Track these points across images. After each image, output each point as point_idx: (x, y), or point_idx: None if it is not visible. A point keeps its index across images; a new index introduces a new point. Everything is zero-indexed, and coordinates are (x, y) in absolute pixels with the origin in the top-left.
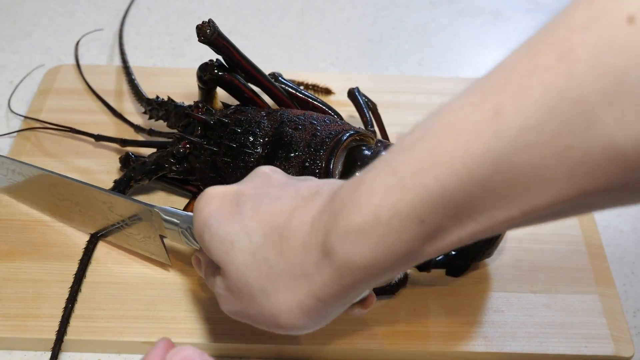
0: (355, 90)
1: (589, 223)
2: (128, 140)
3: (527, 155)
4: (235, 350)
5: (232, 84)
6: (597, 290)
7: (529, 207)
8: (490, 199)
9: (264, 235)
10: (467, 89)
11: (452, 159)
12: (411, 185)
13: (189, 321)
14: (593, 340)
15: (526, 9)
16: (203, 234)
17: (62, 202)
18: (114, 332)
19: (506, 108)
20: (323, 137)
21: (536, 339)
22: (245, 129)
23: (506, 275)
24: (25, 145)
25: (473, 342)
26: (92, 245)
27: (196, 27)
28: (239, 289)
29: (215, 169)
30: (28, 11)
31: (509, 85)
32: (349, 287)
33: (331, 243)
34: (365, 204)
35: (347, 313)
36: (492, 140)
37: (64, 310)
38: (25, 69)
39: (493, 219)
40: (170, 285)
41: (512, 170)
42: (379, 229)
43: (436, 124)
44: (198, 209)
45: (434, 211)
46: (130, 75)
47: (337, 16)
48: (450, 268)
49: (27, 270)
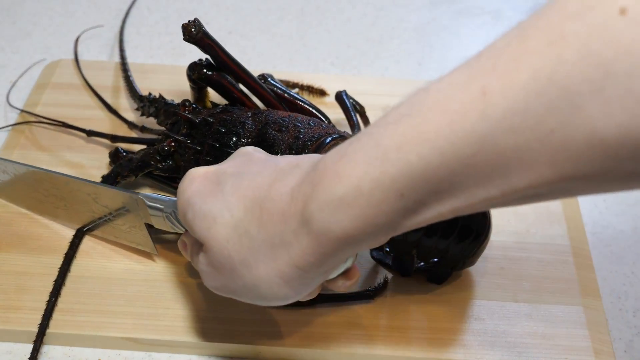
0: (343, 93)
1: (578, 233)
2: (118, 137)
3: (511, 137)
4: (218, 350)
5: (220, 83)
6: (581, 302)
7: (509, 187)
8: (471, 177)
9: (245, 209)
10: (455, 68)
11: (437, 136)
12: (394, 159)
13: (169, 318)
14: (574, 352)
15: (526, 9)
16: (186, 213)
17: (47, 198)
18: (93, 326)
19: (493, 89)
20: (305, 139)
21: (516, 349)
22: (229, 129)
23: (489, 283)
24: (19, 138)
25: (452, 349)
26: (78, 239)
27: (182, 25)
28: (221, 263)
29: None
30: (28, 11)
31: (498, 67)
32: (328, 255)
33: (310, 212)
34: (347, 175)
35: (332, 285)
36: (478, 120)
37: (47, 303)
38: (25, 68)
39: (473, 197)
40: (151, 282)
41: (495, 150)
42: (359, 200)
43: (423, 100)
44: (181, 189)
45: (415, 186)
46: (126, 72)
47: (337, 16)
48: (431, 275)
49: (11, 262)
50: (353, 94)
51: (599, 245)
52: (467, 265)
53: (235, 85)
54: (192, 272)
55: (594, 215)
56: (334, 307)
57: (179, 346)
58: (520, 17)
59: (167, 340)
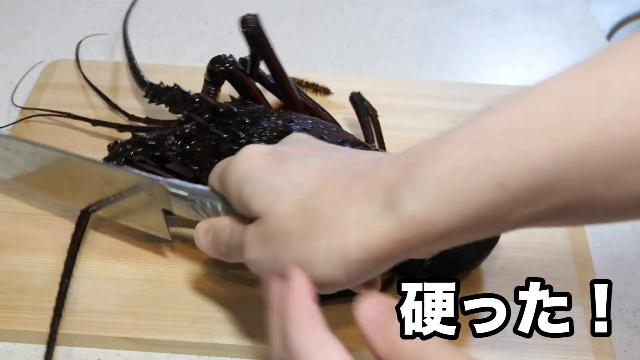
0: (358, 95)
1: (578, 234)
2: (125, 126)
3: (632, 128)
4: (218, 350)
5: (242, 80)
6: (581, 302)
7: (621, 189)
8: (580, 173)
9: (314, 186)
10: (568, 67)
11: (548, 123)
12: (500, 143)
13: (169, 318)
14: (574, 352)
15: (526, 9)
16: (242, 187)
17: (52, 177)
18: (93, 326)
19: (614, 79)
20: (331, 139)
21: (515, 349)
22: (254, 120)
23: (489, 283)
24: (20, 135)
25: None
26: (85, 220)
27: (242, 17)
28: (277, 235)
29: (217, 155)
30: (28, 11)
31: (618, 60)
32: (405, 245)
33: (399, 195)
34: (445, 156)
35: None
36: (595, 109)
37: (60, 286)
38: (26, 68)
39: (577, 195)
40: (151, 282)
41: (610, 143)
42: (455, 183)
43: (534, 90)
44: (235, 164)
45: (516, 176)
46: (132, 60)
47: (337, 16)
48: (435, 275)
49: (11, 262)
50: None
51: (599, 245)
52: (476, 266)
53: (254, 84)
54: (192, 272)
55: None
56: (338, 304)
57: (179, 346)
58: (520, 17)
59: (167, 340)
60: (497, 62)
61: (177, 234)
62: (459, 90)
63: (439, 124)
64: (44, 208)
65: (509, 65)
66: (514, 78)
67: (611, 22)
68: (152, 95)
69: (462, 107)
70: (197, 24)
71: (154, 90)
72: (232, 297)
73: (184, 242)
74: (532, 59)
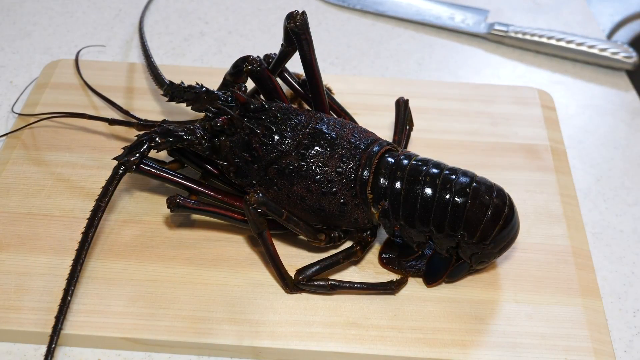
0: (405, 102)
1: (578, 233)
2: (142, 122)
3: None
4: (217, 350)
5: (268, 80)
6: (581, 302)
7: None
8: None
9: None
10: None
11: None
12: None
13: (169, 318)
14: (574, 352)
15: (526, 9)
16: None
17: None
18: (93, 326)
19: None
20: (359, 143)
21: (515, 349)
22: (287, 116)
23: (490, 283)
24: (18, 139)
25: (451, 349)
26: (120, 174)
27: (289, 13)
28: None
29: (248, 149)
30: (28, 11)
31: None
32: None
33: None
34: None
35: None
36: None
37: (72, 265)
38: (25, 68)
39: None
40: (151, 282)
41: None
42: None
43: None
44: None
45: None
46: (149, 58)
47: (337, 16)
48: (452, 270)
49: (11, 262)
50: (353, 94)
51: (599, 245)
52: (480, 266)
53: (279, 86)
54: (192, 272)
55: (594, 215)
56: (353, 294)
57: (179, 346)
58: (520, 17)
59: (167, 340)
60: (497, 62)
61: (180, 234)
62: (459, 90)
63: (439, 124)
64: (44, 208)
65: (509, 65)
66: (514, 78)
67: (611, 22)
68: (172, 94)
69: (462, 107)
70: (197, 24)
71: (175, 89)
72: (232, 297)
73: (184, 242)
74: (532, 59)
